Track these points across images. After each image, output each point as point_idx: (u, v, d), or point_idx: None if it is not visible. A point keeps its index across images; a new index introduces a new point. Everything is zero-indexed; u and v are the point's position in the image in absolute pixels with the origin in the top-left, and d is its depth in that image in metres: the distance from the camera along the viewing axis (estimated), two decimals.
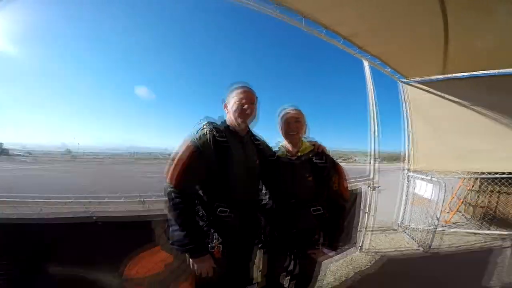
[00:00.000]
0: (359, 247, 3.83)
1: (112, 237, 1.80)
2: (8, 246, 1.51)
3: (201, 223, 1.52)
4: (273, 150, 1.90)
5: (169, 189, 1.40)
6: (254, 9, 2.80)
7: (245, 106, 1.58)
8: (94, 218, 1.70)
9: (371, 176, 3.81)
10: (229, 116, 1.65)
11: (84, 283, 1.69)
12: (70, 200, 1.64)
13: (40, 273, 1.58)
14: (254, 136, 1.80)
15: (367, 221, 3.86)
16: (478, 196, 5.42)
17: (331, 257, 3.13)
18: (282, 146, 1.82)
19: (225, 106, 1.69)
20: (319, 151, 1.73)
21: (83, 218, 1.71)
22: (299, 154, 1.72)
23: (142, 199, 1.81)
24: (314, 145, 1.78)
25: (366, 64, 3.82)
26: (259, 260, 1.93)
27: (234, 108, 1.59)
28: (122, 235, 1.82)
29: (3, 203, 1.55)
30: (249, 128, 1.74)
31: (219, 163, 1.48)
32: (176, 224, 1.37)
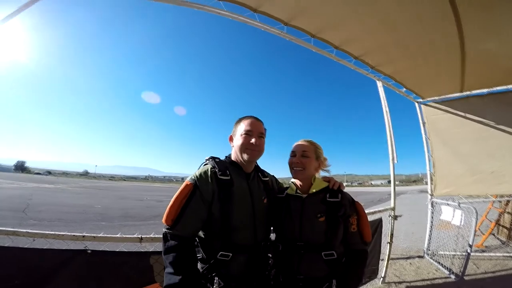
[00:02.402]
0: (381, 278, 3.57)
1: (107, 272, 1.72)
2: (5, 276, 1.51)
3: (201, 265, 1.37)
4: (283, 186, 1.72)
5: (164, 230, 1.29)
6: (261, 29, 2.83)
7: (252, 140, 1.44)
8: (89, 251, 1.59)
9: (392, 205, 3.61)
10: (234, 150, 1.51)
11: None
12: (63, 233, 1.53)
13: None
14: (261, 171, 1.65)
15: (389, 251, 3.67)
16: None
17: None
18: (292, 182, 1.63)
19: (230, 139, 1.55)
20: (334, 188, 1.54)
21: (77, 251, 1.64)
22: (310, 191, 1.54)
23: (140, 236, 1.68)
24: (329, 181, 1.59)
25: (380, 84, 3.73)
26: None
27: (240, 142, 1.45)
28: (119, 271, 1.74)
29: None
30: (256, 163, 1.60)
31: (221, 204, 1.35)
32: (171, 267, 1.23)
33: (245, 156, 1.44)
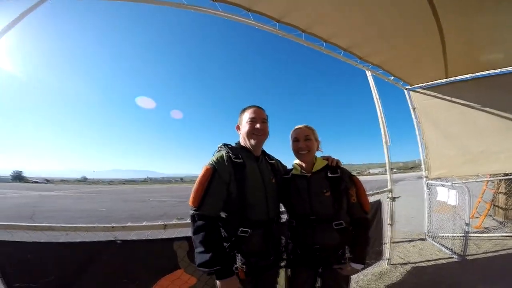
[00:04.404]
0: (387, 260, 3.70)
1: (135, 261, 1.82)
2: (36, 269, 1.59)
3: (224, 244, 1.52)
4: (288, 168, 1.91)
5: (192, 212, 1.44)
6: (254, 26, 2.96)
7: (257, 125, 1.62)
8: (119, 242, 1.74)
9: (389, 187, 3.74)
10: (242, 137, 1.68)
11: None
12: (94, 225, 1.69)
13: None
14: (268, 155, 1.83)
15: (391, 232, 3.77)
16: (507, 198, 5.29)
17: (359, 271, 3.04)
18: (296, 163, 1.81)
19: (237, 128, 1.71)
20: (333, 165, 1.71)
21: (108, 242, 1.75)
22: (313, 170, 1.72)
23: (164, 223, 1.84)
24: (327, 159, 1.78)
25: (369, 74, 3.90)
26: (283, 280, 1.89)
27: (246, 129, 1.63)
28: (146, 259, 1.85)
29: (30, 228, 1.64)
30: (262, 147, 1.77)
31: (237, 183, 1.51)
32: (201, 246, 1.37)
33: (252, 141, 1.63)
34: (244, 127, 1.65)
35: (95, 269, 1.70)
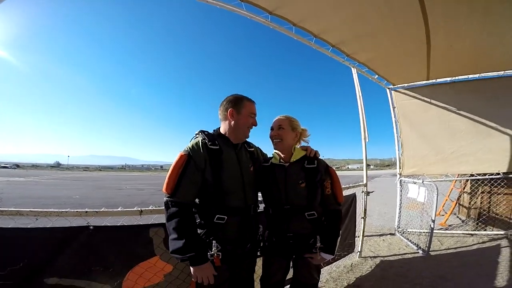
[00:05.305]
0: (358, 252, 3.85)
1: (109, 248, 1.77)
2: (4, 256, 1.51)
3: (199, 231, 1.52)
4: (268, 156, 1.93)
5: (165, 199, 1.42)
6: (246, 17, 2.91)
7: (255, 121, 1.69)
8: (91, 228, 1.68)
9: (364, 182, 3.86)
10: (236, 125, 1.63)
11: None
12: (67, 210, 1.62)
13: (36, 284, 1.54)
14: (247, 143, 1.83)
15: (364, 226, 3.90)
16: (471, 198, 5.54)
17: (329, 262, 3.14)
18: (276, 152, 1.83)
19: (232, 115, 1.62)
20: (311, 156, 1.75)
21: (80, 228, 1.67)
22: (291, 160, 1.75)
23: (140, 209, 1.79)
24: (306, 149, 1.81)
25: (354, 71, 3.97)
26: (259, 268, 1.92)
27: (248, 121, 1.65)
28: (120, 246, 1.80)
29: None
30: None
31: (213, 170, 1.50)
32: (175, 233, 1.37)
33: (247, 133, 1.68)
34: (246, 118, 1.64)
35: (67, 256, 1.63)
